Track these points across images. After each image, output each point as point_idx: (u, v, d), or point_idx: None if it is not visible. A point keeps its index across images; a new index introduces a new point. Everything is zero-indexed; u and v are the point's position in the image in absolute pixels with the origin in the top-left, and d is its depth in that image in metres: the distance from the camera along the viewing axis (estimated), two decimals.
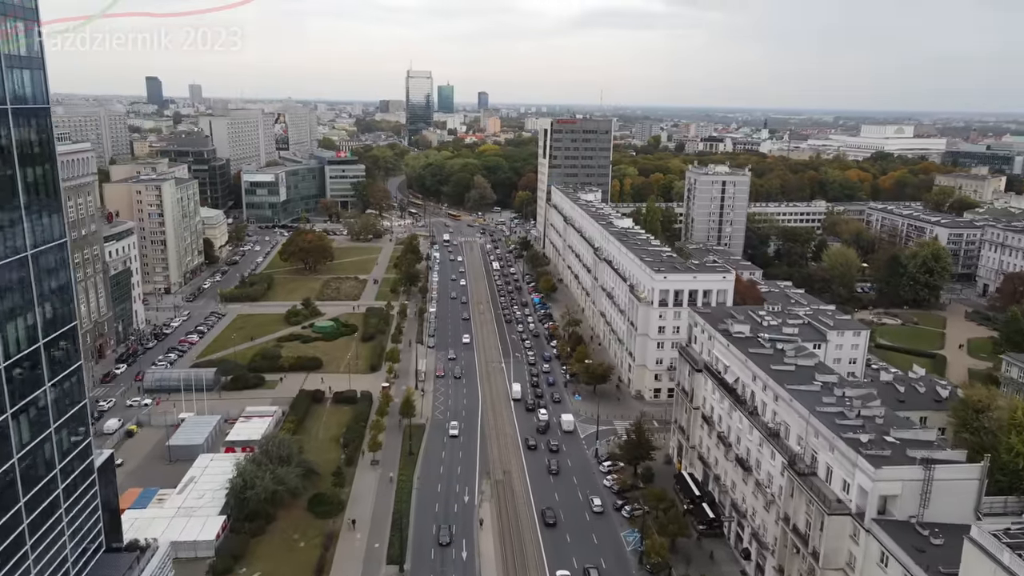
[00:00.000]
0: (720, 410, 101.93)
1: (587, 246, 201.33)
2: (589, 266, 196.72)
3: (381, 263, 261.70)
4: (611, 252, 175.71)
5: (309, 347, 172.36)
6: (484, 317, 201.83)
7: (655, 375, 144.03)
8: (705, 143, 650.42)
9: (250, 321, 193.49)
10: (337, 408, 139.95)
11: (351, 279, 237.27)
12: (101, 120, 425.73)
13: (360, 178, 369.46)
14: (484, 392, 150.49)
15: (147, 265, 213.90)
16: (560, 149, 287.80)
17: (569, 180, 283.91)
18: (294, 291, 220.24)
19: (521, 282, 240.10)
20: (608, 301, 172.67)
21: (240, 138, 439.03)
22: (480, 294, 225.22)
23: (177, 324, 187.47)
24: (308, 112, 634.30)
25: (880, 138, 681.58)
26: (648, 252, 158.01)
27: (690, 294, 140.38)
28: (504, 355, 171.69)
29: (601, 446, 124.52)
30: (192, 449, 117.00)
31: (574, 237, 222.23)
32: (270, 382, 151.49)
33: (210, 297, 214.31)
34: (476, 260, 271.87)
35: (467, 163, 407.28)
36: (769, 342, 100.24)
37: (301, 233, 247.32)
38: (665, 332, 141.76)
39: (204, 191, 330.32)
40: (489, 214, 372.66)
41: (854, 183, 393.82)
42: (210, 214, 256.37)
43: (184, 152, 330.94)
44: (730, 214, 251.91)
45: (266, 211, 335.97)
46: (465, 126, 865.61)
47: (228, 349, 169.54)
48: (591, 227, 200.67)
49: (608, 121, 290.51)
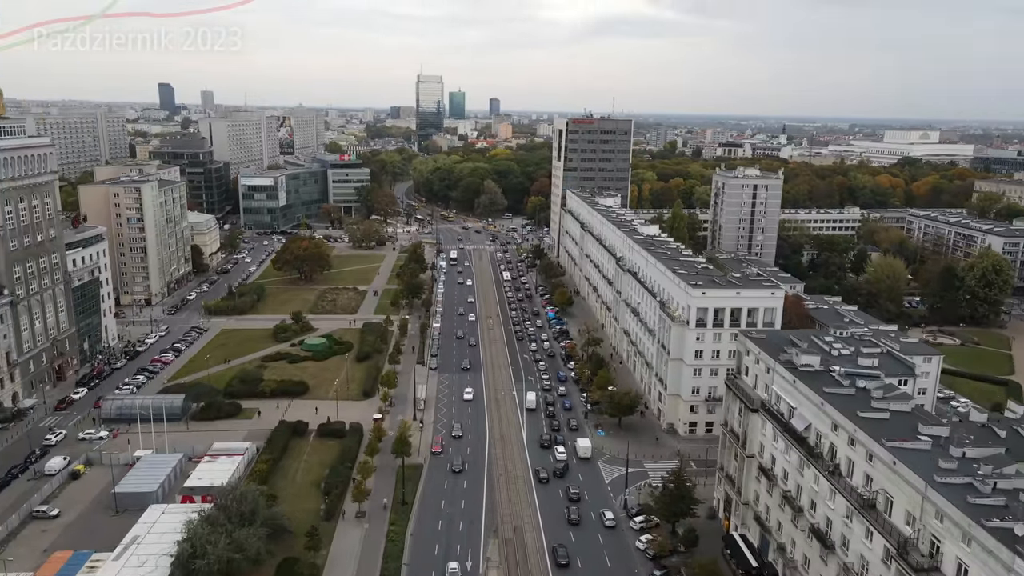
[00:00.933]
0: (785, 463, 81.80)
1: (607, 255, 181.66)
2: (610, 278, 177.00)
3: (383, 273, 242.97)
4: (636, 263, 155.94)
5: (296, 368, 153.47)
6: (493, 334, 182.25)
7: (691, 406, 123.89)
8: (723, 148, 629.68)
9: (234, 337, 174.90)
10: (322, 443, 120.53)
11: (349, 290, 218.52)
12: (99, 122, 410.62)
13: (365, 182, 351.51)
14: (492, 424, 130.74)
15: (125, 275, 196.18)
16: (576, 151, 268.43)
17: (585, 184, 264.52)
18: (286, 303, 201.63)
19: (534, 294, 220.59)
20: (633, 318, 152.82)
21: (242, 141, 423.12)
22: (489, 307, 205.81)
23: (153, 340, 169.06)
24: (315, 116, 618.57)
25: (905, 143, 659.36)
26: (680, 263, 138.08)
27: (732, 313, 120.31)
28: (515, 378, 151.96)
29: (631, 495, 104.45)
30: (142, 498, 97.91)
31: (592, 245, 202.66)
32: (248, 410, 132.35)
33: (194, 309, 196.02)
34: (485, 270, 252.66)
35: (477, 167, 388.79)
36: (846, 378, 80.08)
37: (296, 240, 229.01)
38: (703, 357, 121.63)
39: (199, 195, 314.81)
40: (500, 220, 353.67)
41: (886, 189, 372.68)
42: (199, 219, 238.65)
43: (179, 154, 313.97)
44: (762, 221, 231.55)
45: (264, 216, 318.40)
46: (476, 132, 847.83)
47: (205, 370, 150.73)
48: (612, 235, 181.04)
49: (627, 121, 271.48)
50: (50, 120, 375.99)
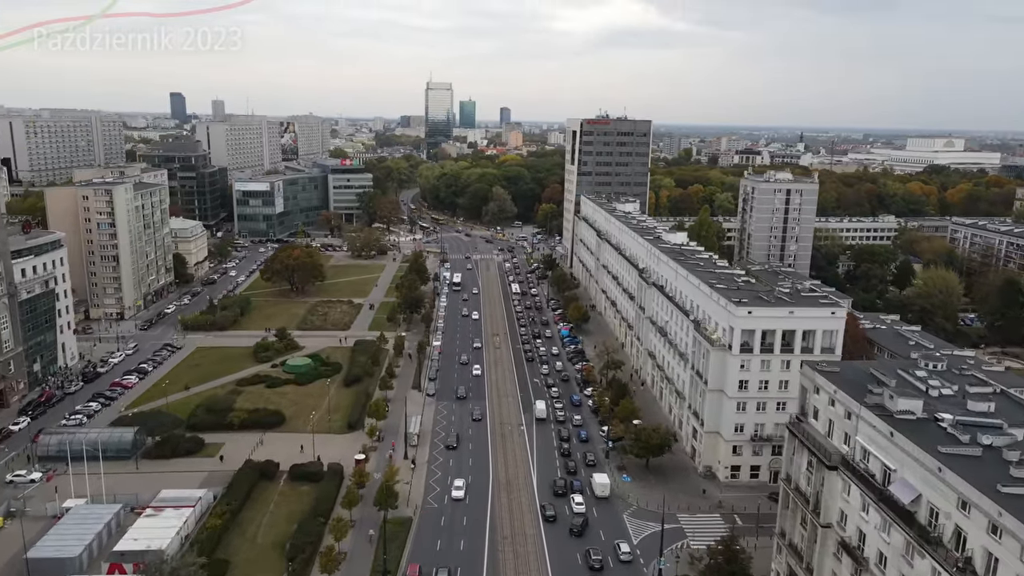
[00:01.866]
0: (882, 544, 61.92)
1: (628, 266, 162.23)
2: (631, 292, 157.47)
3: (381, 284, 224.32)
4: (663, 275, 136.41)
5: (275, 394, 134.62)
6: (500, 354, 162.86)
7: (733, 447, 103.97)
8: (740, 156, 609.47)
9: (210, 356, 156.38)
10: (293, 489, 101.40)
11: (343, 303, 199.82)
12: (93, 126, 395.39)
13: (367, 189, 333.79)
14: (497, 462, 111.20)
15: (96, 285, 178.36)
16: (591, 154, 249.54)
17: (601, 189, 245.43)
18: (273, 318, 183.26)
19: (545, 308, 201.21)
20: (659, 339, 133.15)
21: (241, 146, 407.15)
22: (496, 323, 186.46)
23: (118, 360, 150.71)
24: (320, 122, 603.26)
25: (929, 151, 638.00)
26: (717, 276, 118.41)
27: (784, 336, 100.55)
28: (524, 407, 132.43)
29: (667, 566, 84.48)
30: (60, 566, 79.02)
31: (610, 255, 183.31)
32: (212, 446, 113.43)
33: (171, 324, 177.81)
34: (493, 281, 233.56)
35: (485, 173, 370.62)
36: (963, 431, 60.22)
37: (286, 248, 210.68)
38: (749, 389, 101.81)
39: (191, 201, 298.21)
40: (509, 229, 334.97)
41: (918, 197, 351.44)
42: (183, 225, 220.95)
43: (170, 158, 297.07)
44: (795, 229, 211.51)
45: (260, 224, 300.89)
46: (486, 140, 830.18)
47: (170, 396, 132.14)
48: (633, 243, 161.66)
49: (646, 122, 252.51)
50: (40, 123, 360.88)
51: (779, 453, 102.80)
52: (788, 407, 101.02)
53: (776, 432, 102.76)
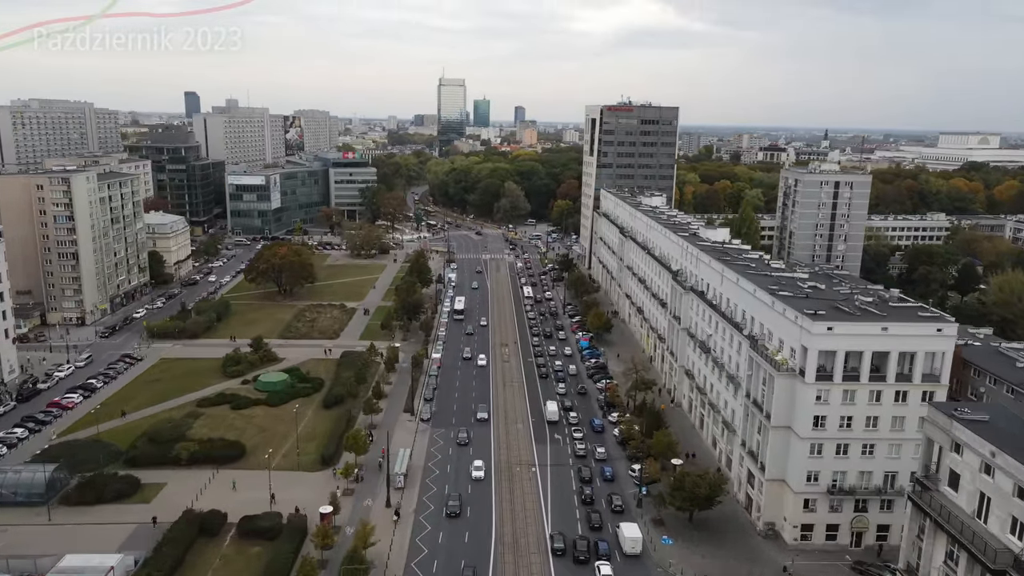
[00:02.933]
0: None
1: (658, 268, 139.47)
2: (663, 297, 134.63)
3: (380, 286, 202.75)
4: (705, 279, 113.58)
5: (240, 417, 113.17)
6: (510, 369, 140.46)
7: (805, 500, 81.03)
8: (765, 153, 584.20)
9: (173, 369, 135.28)
10: (241, 550, 79.68)
11: (335, 308, 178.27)
12: (87, 119, 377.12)
13: (370, 183, 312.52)
14: (503, 520, 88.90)
15: (52, 287, 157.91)
16: (612, 144, 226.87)
17: (623, 183, 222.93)
18: (253, 324, 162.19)
19: (561, 315, 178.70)
20: (701, 356, 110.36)
21: (241, 140, 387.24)
22: (506, 332, 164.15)
23: (65, 373, 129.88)
24: (327, 117, 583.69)
25: (963, 149, 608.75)
26: (776, 281, 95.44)
27: (874, 360, 77.54)
28: (537, 437, 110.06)
29: None
30: None
31: (635, 255, 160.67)
32: (150, 487, 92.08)
33: (137, 331, 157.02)
34: (503, 284, 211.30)
35: (497, 168, 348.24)
36: None
37: (272, 246, 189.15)
38: (827, 427, 78.87)
39: (182, 195, 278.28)
40: (522, 227, 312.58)
41: (964, 194, 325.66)
42: (161, 220, 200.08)
43: (158, 149, 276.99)
44: (844, 227, 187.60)
45: (255, 220, 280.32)
46: (500, 138, 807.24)
47: (115, 420, 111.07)
48: (665, 241, 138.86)
49: (673, 109, 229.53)
50: (29, 114, 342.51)
51: (864, 509, 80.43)
52: (877, 451, 78.45)
53: (861, 483, 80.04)
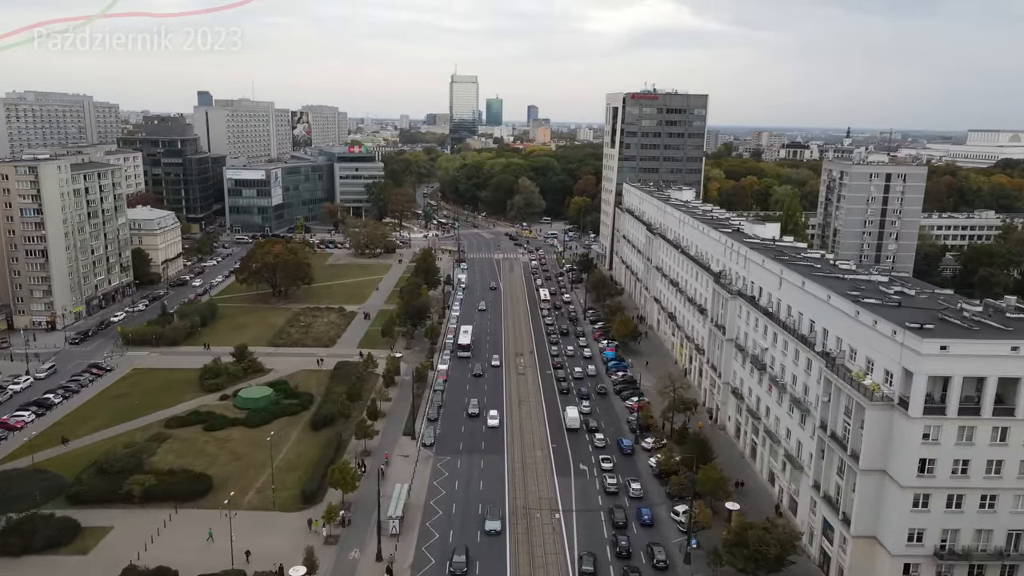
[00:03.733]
0: None
1: (695, 269, 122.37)
2: (702, 302, 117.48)
3: (383, 288, 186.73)
4: (757, 282, 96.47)
5: (213, 441, 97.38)
6: (525, 383, 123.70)
7: (905, 565, 63.89)
8: (787, 150, 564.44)
9: (145, 382, 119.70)
10: None
11: (333, 311, 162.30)
12: (86, 112, 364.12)
13: (377, 179, 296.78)
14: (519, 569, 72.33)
15: (19, 287, 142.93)
16: (635, 135, 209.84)
17: (647, 177, 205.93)
18: (241, 329, 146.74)
19: (582, 320, 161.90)
20: (753, 374, 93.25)
21: (244, 134, 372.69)
22: (521, 340, 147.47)
23: (22, 386, 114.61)
24: (336, 113, 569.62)
25: (993, 146, 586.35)
26: (852, 285, 78.14)
27: (1000, 387, 60.37)
28: (559, 469, 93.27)
29: None
30: None
31: (666, 254, 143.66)
32: (93, 531, 76.23)
33: (112, 337, 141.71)
34: (517, 287, 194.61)
35: (511, 163, 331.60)
36: None
37: (265, 244, 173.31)
38: (936, 472, 61.74)
39: (178, 191, 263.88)
40: (536, 225, 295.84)
41: (1009, 191, 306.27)
42: (148, 216, 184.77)
43: (153, 141, 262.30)
44: (895, 224, 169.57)
45: (255, 217, 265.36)
46: (513, 136, 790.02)
47: (67, 444, 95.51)
48: (703, 239, 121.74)
49: (702, 96, 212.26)
50: (24, 107, 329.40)
51: None
52: (1000, 504, 61.37)
53: (979, 544, 62.97)
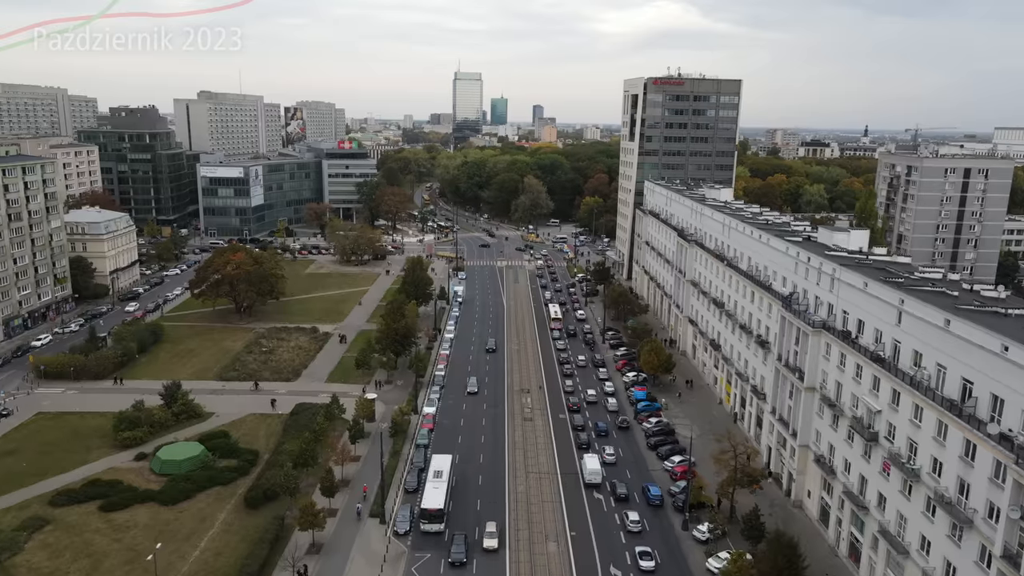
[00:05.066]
0: None
1: (749, 288, 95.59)
2: (761, 333, 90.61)
3: (368, 302, 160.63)
4: (858, 314, 69.68)
5: (108, 527, 71.29)
6: (534, 433, 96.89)
7: None
8: (807, 148, 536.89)
9: (46, 432, 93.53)
10: None
11: (304, 332, 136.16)
12: (60, 106, 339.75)
13: (369, 177, 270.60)
14: None
15: None
16: (657, 126, 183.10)
17: (670, 174, 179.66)
18: (189, 357, 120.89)
19: (600, 344, 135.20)
20: (858, 445, 66.39)
21: (230, 130, 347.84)
22: (527, 372, 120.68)
23: None
24: (332, 109, 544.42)
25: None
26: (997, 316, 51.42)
27: None
28: (579, 568, 66.69)
29: None
30: None
31: (706, 267, 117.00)
32: None
33: (25, 368, 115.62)
34: (523, 301, 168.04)
35: (515, 160, 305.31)
36: None
37: (225, 251, 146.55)
38: None
39: (147, 190, 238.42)
40: (544, 227, 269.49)
41: None
42: (93, 219, 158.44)
43: (117, 135, 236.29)
44: (974, 228, 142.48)
45: (232, 219, 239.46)
46: (517, 136, 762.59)
47: None
48: (761, 250, 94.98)
49: (735, 82, 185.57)
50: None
51: None
52: None
53: None
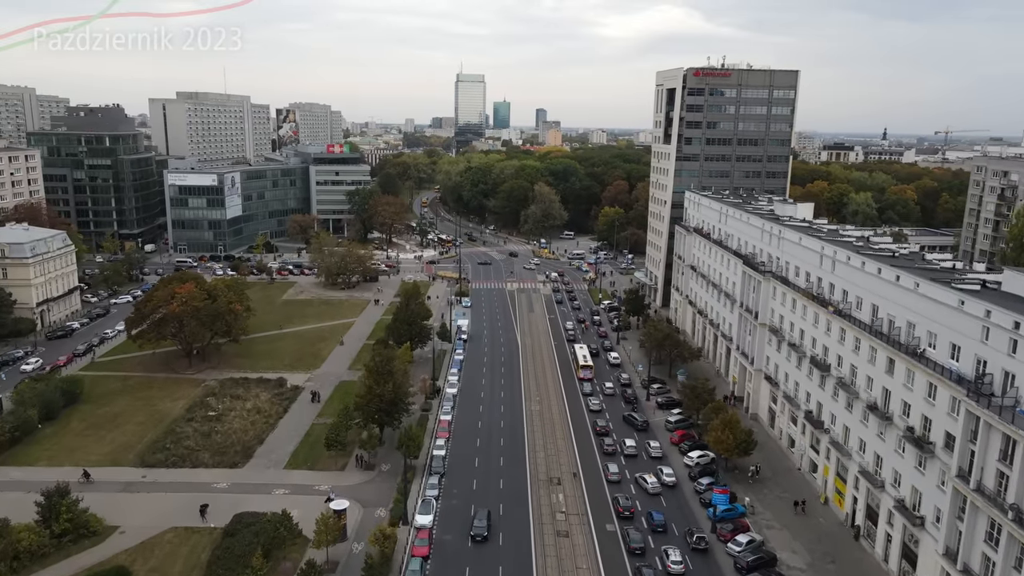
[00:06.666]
0: None
1: (875, 351, 66.50)
2: (905, 418, 61.37)
3: (352, 340, 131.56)
4: None
5: None
6: (573, 565, 67.64)
7: None
8: (829, 152, 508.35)
9: None
10: None
11: (268, 385, 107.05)
12: (26, 107, 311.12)
13: (361, 184, 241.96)
14: None
15: None
16: (699, 126, 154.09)
17: (713, 183, 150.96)
18: (109, 426, 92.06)
19: (644, 403, 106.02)
20: None
21: (212, 133, 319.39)
22: (554, 445, 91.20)
23: None
24: (327, 111, 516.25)
25: None
26: None
27: None
28: None
29: None
30: None
31: (793, 312, 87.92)
32: None
33: None
34: (540, 337, 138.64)
35: (524, 166, 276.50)
36: None
37: (170, 281, 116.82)
38: None
39: (107, 200, 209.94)
40: (557, 240, 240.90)
41: None
42: (14, 239, 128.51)
43: (73, 138, 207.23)
44: None
45: (204, 233, 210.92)
46: (522, 140, 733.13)
47: None
48: (889, 292, 65.82)
49: (791, 73, 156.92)
50: None
51: None
52: None
53: None
